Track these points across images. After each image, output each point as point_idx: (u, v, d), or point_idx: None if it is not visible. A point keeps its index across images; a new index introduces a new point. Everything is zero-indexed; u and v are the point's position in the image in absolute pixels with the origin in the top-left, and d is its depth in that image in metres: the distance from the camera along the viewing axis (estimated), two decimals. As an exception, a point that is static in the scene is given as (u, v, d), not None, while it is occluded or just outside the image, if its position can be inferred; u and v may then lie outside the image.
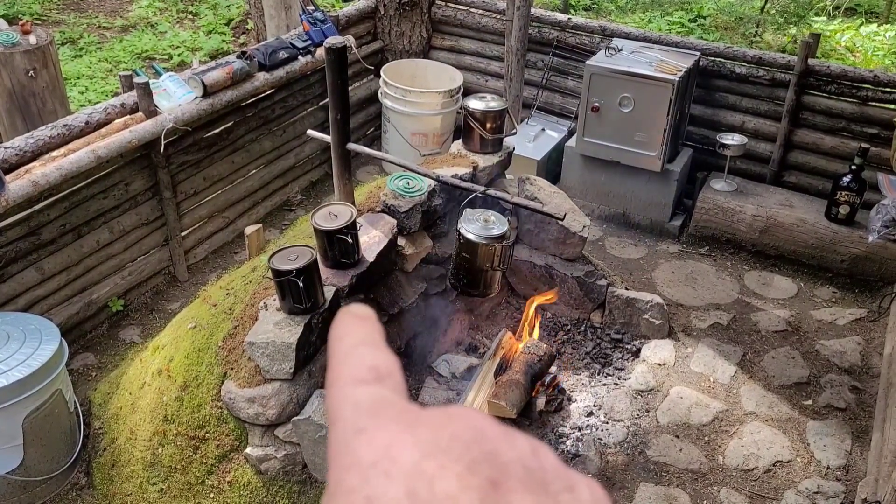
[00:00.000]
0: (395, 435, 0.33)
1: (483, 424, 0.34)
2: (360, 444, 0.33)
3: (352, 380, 0.37)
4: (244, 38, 8.18)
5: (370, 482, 0.31)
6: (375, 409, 0.35)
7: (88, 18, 8.43)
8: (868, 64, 7.86)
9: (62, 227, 3.88)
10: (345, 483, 0.32)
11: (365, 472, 0.32)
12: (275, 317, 2.97)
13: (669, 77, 4.71)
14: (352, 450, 0.33)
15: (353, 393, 0.36)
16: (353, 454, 0.33)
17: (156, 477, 3.13)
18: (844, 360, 4.12)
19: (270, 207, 5.26)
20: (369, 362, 0.38)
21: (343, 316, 0.41)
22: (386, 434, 0.33)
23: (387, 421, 0.34)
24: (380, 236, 3.29)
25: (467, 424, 0.33)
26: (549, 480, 0.33)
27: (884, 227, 4.25)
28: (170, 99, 4.20)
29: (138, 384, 3.36)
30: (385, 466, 0.32)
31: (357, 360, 0.38)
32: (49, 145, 3.76)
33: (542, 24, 5.70)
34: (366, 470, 0.32)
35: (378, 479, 0.31)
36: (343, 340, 0.39)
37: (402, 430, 0.33)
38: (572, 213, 3.99)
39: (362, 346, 0.39)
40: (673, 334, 4.19)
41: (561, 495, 0.32)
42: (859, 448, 3.61)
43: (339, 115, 3.09)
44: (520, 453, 0.33)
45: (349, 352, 0.39)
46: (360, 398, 0.36)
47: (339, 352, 0.39)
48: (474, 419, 0.34)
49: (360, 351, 0.39)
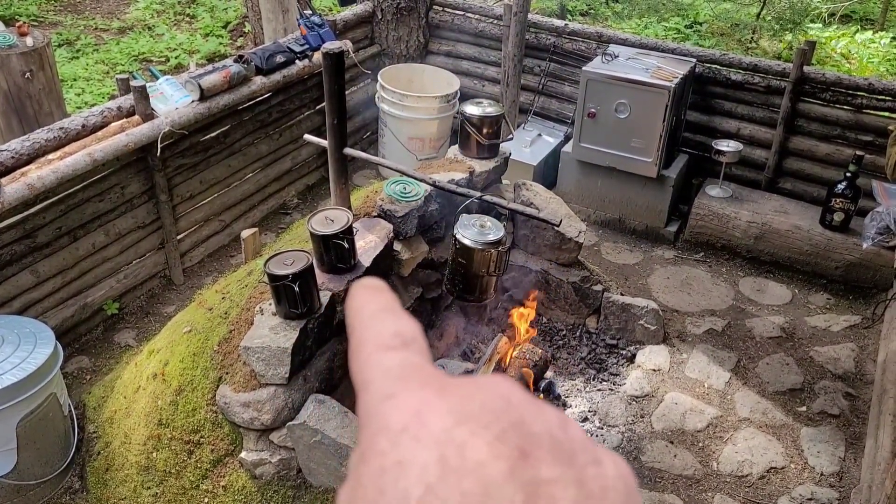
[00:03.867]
0: (424, 401, 0.33)
1: (512, 394, 0.34)
2: (390, 409, 0.33)
3: (378, 346, 0.37)
4: (241, 41, 8.18)
5: (401, 446, 0.32)
6: (404, 375, 0.35)
7: (85, 20, 8.42)
8: (863, 71, 7.90)
9: (58, 229, 3.87)
10: (376, 447, 0.32)
11: (395, 437, 0.32)
12: (270, 321, 2.97)
13: (665, 83, 4.73)
14: (382, 414, 0.33)
15: (380, 359, 0.36)
16: (383, 419, 0.33)
17: (150, 481, 3.12)
18: (838, 366, 4.13)
19: (267, 211, 5.26)
20: (393, 328, 0.38)
21: (358, 288, 0.42)
22: (416, 399, 0.33)
23: (416, 386, 0.34)
24: (376, 241, 3.29)
25: (497, 393, 0.34)
26: (576, 452, 0.33)
27: (878, 234, 4.27)
28: (167, 102, 4.19)
29: (133, 388, 3.35)
30: (415, 431, 0.32)
31: (380, 326, 0.38)
32: (45, 148, 3.75)
33: (538, 30, 5.71)
34: (396, 434, 0.32)
35: (408, 444, 0.32)
36: (363, 309, 0.40)
37: (432, 397, 0.33)
38: (568, 218, 3.99)
39: (383, 313, 0.39)
40: (668, 340, 4.20)
41: (587, 468, 0.32)
42: (853, 455, 3.62)
43: (336, 119, 3.09)
44: (548, 425, 0.33)
45: (371, 319, 0.39)
46: (389, 364, 0.36)
47: (361, 320, 0.39)
48: (504, 388, 0.34)
49: (382, 318, 0.39)
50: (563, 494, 0.31)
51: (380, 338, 0.38)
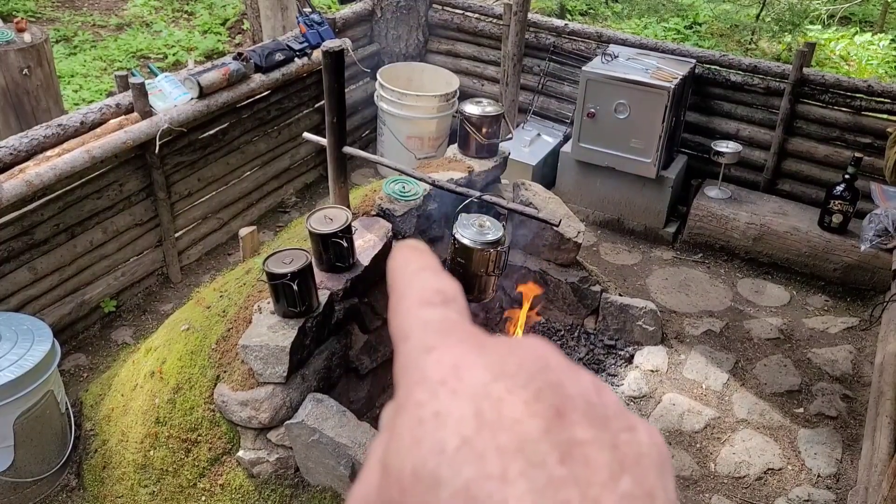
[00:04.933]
0: (463, 355, 0.33)
1: (550, 356, 0.34)
2: (429, 362, 0.34)
3: (420, 301, 0.38)
4: (240, 39, 8.17)
5: (438, 398, 0.32)
6: (444, 330, 0.36)
7: (83, 16, 8.40)
8: (862, 73, 7.91)
9: (55, 226, 3.86)
10: (413, 397, 0.33)
11: (434, 389, 0.32)
12: (269, 320, 2.96)
13: (665, 84, 4.73)
14: (421, 366, 0.34)
15: (421, 313, 0.37)
16: (421, 371, 0.33)
17: (147, 479, 3.12)
18: (836, 368, 4.14)
19: (265, 209, 5.25)
20: (435, 286, 0.39)
21: (401, 247, 0.42)
22: (454, 354, 0.34)
23: (455, 341, 0.35)
24: (375, 240, 3.29)
25: (535, 354, 0.34)
26: (610, 418, 0.33)
27: (876, 237, 4.27)
28: (165, 100, 4.18)
29: (130, 386, 3.35)
30: (453, 385, 0.32)
31: (423, 283, 0.39)
32: (43, 145, 3.74)
33: (538, 30, 5.71)
34: (434, 386, 0.32)
35: (446, 396, 0.32)
36: (406, 266, 0.40)
37: (471, 352, 0.34)
38: (567, 218, 3.99)
39: (425, 271, 0.40)
40: (666, 341, 4.20)
41: (621, 434, 0.32)
42: (850, 456, 3.63)
43: (335, 118, 3.09)
44: (584, 388, 0.33)
45: (413, 276, 0.39)
46: (429, 318, 0.36)
47: (403, 277, 0.40)
48: (542, 350, 0.34)
49: (424, 275, 0.39)
50: (597, 456, 0.31)
51: (422, 293, 0.38)
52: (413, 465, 0.31)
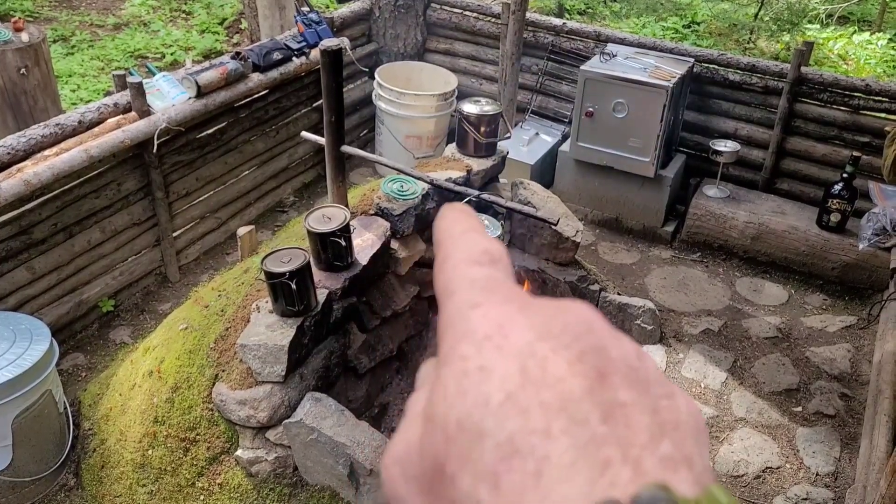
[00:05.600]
0: (509, 313, 0.34)
1: (593, 319, 0.35)
2: (474, 317, 0.34)
3: (467, 259, 0.38)
4: (238, 38, 8.16)
5: (483, 353, 0.32)
6: (490, 288, 0.36)
7: (81, 16, 8.39)
8: (860, 72, 7.91)
9: (53, 226, 3.86)
10: (459, 350, 0.33)
11: (479, 344, 0.33)
12: (267, 319, 2.96)
13: (663, 83, 4.73)
14: (467, 321, 0.34)
15: (468, 271, 0.37)
16: (467, 325, 0.34)
17: (145, 479, 3.11)
18: (834, 367, 4.14)
19: (263, 209, 5.25)
20: (483, 246, 0.39)
21: (448, 209, 0.43)
22: (500, 311, 0.34)
23: (501, 299, 0.35)
24: (373, 239, 3.29)
25: (579, 317, 0.34)
26: (651, 383, 0.33)
27: (874, 235, 4.27)
28: (163, 99, 4.18)
29: (129, 385, 3.34)
30: (498, 341, 0.32)
31: (470, 243, 0.39)
32: (41, 144, 3.74)
33: (536, 29, 5.71)
34: (480, 341, 0.33)
35: (491, 352, 0.32)
36: (453, 227, 0.41)
37: (516, 311, 0.34)
38: (565, 217, 3.99)
39: (472, 232, 0.41)
40: (664, 340, 4.20)
41: (661, 399, 0.33)
42: (848, 455, 3.63)
43: (333, 117, 3.08)
44: (626, 353, 0.34)
45: (461, 236, 0.40)
46: (476, 276, 0.37)
47: (451, 235, 0.40)
48: (586, 313, 0.35)
49: (471, 236, 0.40)
50: (638, 419, 0.31)
51: (469, 253, 0.39)
52: (458, 415, 0.31)
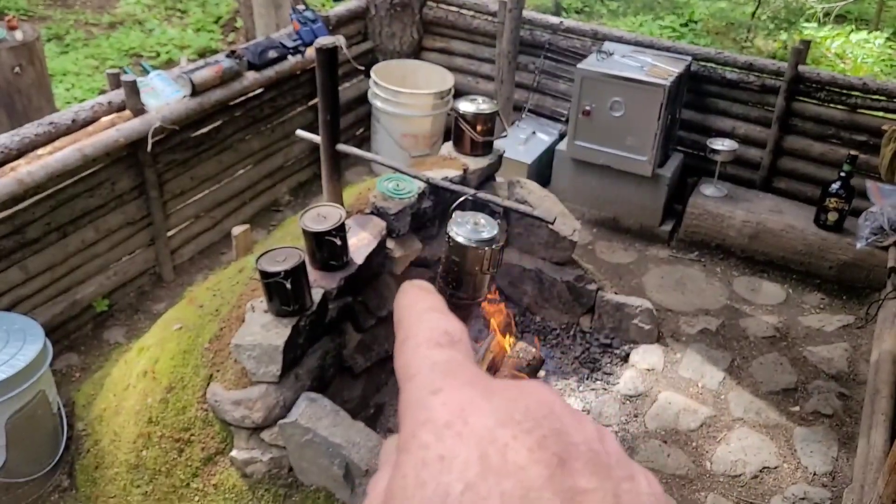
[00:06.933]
0: (470, 399, 0.34)
1: (554, 402, 0.35)
2: (435, 403, 0.34)
3: (427, 341, 0.38)
4: (233, 37, 8.13)
5: (443, 441, 0.32)
6: (451, 371, 0.36)
7: (75, 14, 8.36)
8: (857, 71, 7.91)
9: (47, 225, 3.83)
10: (419, 438, 0.33)
11: (439, 431, 0.33)
12: (262, 319, 2.94)
13: (661, 82, 4.71)
14: (427, 407, 0.34)
15: (429, 354, 0.37)
16: (428, 412, 0.34)
17: (140, 479, 3.09)
18: (832, 366, 4.13)
19: (258, 208, 5.23)
20: (443, 327, 0.39)
21: (409, 286, 0.44)
22: (461, 397, 0.34)
23: (462, 384, 0.35)
24: (369, 238, 3.27)
25: (540, 400, 0.34)
26: (612, 466, 0.33)
27: (872, 235, 4.26)
28: (158, 97, 4.16)
29: (123, 385, 3.32)
30: (459, 428, 0.33)
31: (431, 323, 0.40)
32: (35, 143, 3.72)
33: (533, 27, 5.69)
34: (440, 429, 0.33)
35: (451, 440, 0.32)
36: (414, 306, 0.42)
37: (477, 396, 0.34)
38: (562, 216, 3.98)
39: (433, 311, 0.41)
40: (662, 339, 4.19)
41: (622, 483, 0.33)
42: (846, 454, 3.62)
43: (329, 115, 3.07)
44: (587, 436, 0.34)
45: (421, 316, 0.41)
46: (437, 358, 0.37)
47: (411, 315, 0.41)
48: (546, 395, 0.35)
49: (432, 315, 0.40)
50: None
51: (430, 334, 0.39)
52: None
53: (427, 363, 0.37)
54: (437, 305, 0.42)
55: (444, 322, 0.40)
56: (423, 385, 0.35)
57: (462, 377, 0.36)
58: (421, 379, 0.36)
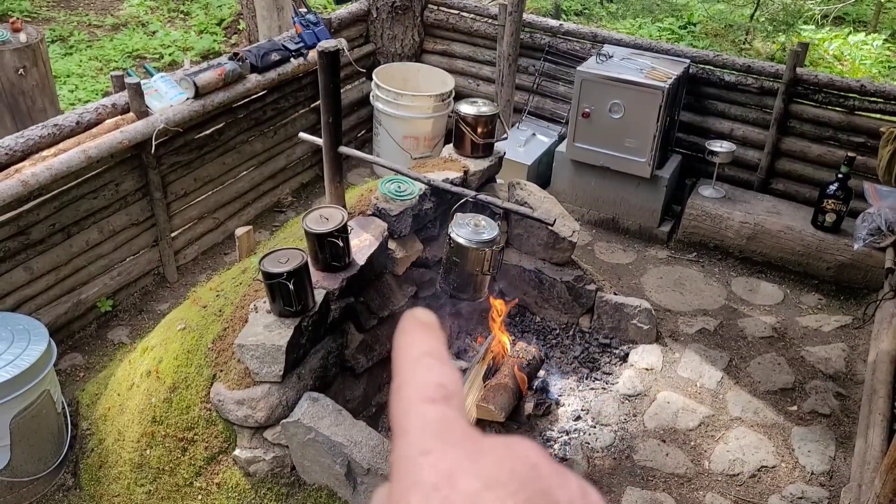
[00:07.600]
0: (458, 461, 0.35)
1: (540, 461, 0.36)
2: (424, 465, 0.35)
3: (421, 396, 0.39)
4: (236, 39, 8.17)
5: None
6: (442, 431, 0.37)
7: (79, 16, 8.40)
8: (855, 73, 7.94)
9: (51, 226, 3.87)
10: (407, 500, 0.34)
11: (427, 494, 0.34)
12: (265, 319, 2.97)
13: (659, 84, 4.75)
14: (417, 468, 0.35)
15: (421, 410, 0.38)
16: (417, 473, 0.35)
17: (143, 478, 3.12)
18: (829, 366, 4.16)
19: (261, 209, 5.26)
20: (437, 379, 0.39)
21: (409, 322, 0.43)
22: (450, 459, 0.35)
23: (451, 445, 0.36)
24: (370, 239, 3.30)
25: (526, 460, 0.35)
26: None
27: (869, 236, 4.29)
28: (161, 99, 4.19)
29: (126, 385, 3.35)
30: (446, 492, 0.33)
31: (425, 373, 0.40)
32: (39, 145, 3.75)
33: (533, 30, 5.72)
34: (428, 492, 0.34)
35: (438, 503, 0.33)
36: (411, 350, 0.41)
37: (466, 458, 0.35)
38: (562, 218, 4.01)
39: (429, 357, 0.41)
40: (660, 339, 4.22)
41: None
42: (843, 454, 3.65)
43: (331, 118, 3.10)
44: (571, 495, 0.35)
45: (417, 362, 0.40)
46: (429, 417, 0.37)
47: (407, 361, 0.41)
48: (532, 455, 0.36)
49: (427, 363, 0.40)
50: None
51: (424, 388, 0.39)
52: None
53: (419, 421, 0.37)
54: (434, 349, 0.41)
55: (439, 373, 0.40)
56: (413, 444, 0.36)
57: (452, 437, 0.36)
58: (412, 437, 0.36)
